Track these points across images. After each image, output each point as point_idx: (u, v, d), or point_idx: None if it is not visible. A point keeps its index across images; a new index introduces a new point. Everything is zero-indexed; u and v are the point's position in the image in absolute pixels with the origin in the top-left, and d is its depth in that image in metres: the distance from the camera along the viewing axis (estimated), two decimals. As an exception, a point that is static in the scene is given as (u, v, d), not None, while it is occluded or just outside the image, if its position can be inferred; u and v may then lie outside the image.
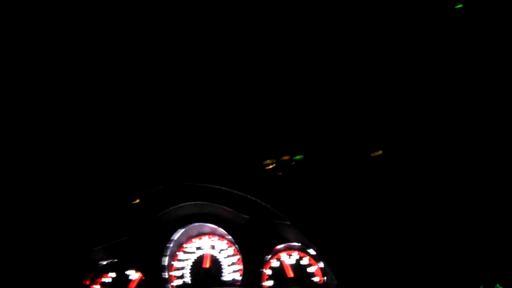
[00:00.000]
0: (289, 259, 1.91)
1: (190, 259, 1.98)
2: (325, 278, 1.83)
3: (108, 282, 1.95)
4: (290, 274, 1.87)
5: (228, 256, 1.96)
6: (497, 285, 1.55)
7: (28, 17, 1.94)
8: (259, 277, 1.83)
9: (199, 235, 2.03)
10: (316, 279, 1.86)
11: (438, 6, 1.92)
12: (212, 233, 2.01)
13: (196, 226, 1.97)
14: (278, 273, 1.88)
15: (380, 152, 1.88)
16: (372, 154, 1.90)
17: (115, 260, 1.94)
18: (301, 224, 1.55)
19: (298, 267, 1.89)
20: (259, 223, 1.81)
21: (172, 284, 1.91)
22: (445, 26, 1.96)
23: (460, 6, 1.76)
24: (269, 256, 1.89)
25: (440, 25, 1.96)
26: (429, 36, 1.98)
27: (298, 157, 1.96)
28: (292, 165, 1.96)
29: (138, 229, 1.93)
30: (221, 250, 1.98)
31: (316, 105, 2.08)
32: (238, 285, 1.86)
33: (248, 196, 1.59)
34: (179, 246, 2.00)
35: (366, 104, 2.06)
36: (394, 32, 1.99)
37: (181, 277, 1.94)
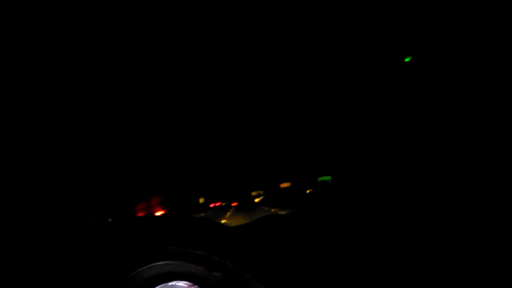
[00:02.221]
0: (267, 314, 1.87)
1: (161, 322, 1.91)
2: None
3: None
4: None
5: (202, 315, 1.90)
6: None
7: (28, 17, 1.93)
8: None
9: (172, 293, 1.98)
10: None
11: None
12: (185, 291, 1.97)
13: (169, 285, 1.92)
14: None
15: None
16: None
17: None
18: (262, 277, 1.55)
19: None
20: (232, 279, 1.80)
21: None
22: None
23: (408, 59, 1.88)
24: (246, 313, 1.84)
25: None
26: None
27: (325, 178, 1.94)
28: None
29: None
30: (195, 310, 1.92)
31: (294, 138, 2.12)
32: None
33: (212, 257, 1.59)
34: (150, 307, 1.93)
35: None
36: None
37: None
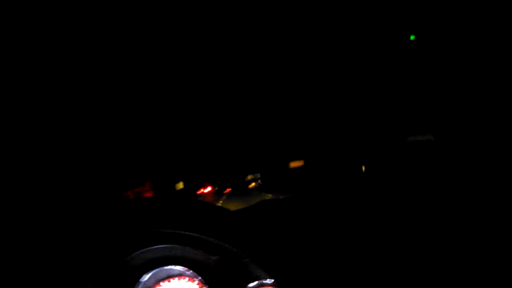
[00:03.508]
0: (263, 296, 1.86)
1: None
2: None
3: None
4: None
5: (199, 298, 1.89)
6: None
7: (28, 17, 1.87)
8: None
9: (169, 277, 1.96)
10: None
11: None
12: (181, 275, 1.95)
13: (165, 269, 1.90)
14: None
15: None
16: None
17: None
18: (261, 260, 1.52)
19: (272, 305, 1.84)
20: (229, 262, 1.77)
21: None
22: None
23: (413, 37, 1.84)
24: (242, 296, 1.83)
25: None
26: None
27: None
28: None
29: (104, 275, 1.83)
30: (191, 293, 1.91)
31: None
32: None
33: (210, 239, 1.55)
34: (147, 290, 1.91)
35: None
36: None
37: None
